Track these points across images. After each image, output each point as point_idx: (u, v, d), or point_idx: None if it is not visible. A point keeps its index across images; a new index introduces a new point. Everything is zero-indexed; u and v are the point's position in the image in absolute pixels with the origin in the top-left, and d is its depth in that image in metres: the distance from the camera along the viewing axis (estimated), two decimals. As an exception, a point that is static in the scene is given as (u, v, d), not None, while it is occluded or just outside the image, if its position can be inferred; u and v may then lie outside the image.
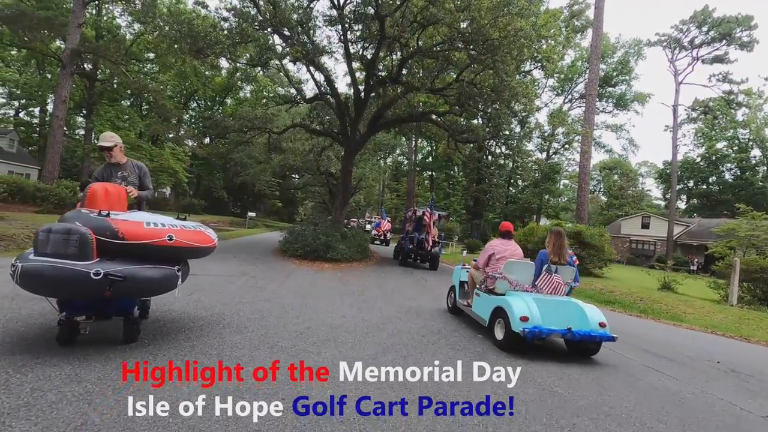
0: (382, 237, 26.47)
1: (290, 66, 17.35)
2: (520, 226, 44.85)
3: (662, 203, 63.21)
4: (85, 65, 29.99)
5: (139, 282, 3.05)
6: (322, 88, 15.46)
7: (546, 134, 32.12)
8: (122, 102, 34.62)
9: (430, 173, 51.93)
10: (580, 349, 4.77)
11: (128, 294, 3.17)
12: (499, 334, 4.76)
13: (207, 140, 47.55)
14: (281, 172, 38.70)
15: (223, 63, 46.91)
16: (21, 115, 38.22)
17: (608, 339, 4.56)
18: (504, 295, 4.96)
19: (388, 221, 28.98)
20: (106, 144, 3.87)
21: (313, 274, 9.19)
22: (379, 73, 14.14)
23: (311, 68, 14.37)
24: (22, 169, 32.87)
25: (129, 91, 31.57)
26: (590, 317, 4.62)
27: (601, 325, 4.58)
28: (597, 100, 30.82)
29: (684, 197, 58.88)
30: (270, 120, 17.63)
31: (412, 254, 14.33)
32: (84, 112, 32.83)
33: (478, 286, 5.65)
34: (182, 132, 37.13)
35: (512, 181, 46.45)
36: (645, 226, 42.99)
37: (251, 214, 30.61)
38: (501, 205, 45.02)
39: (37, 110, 37.83)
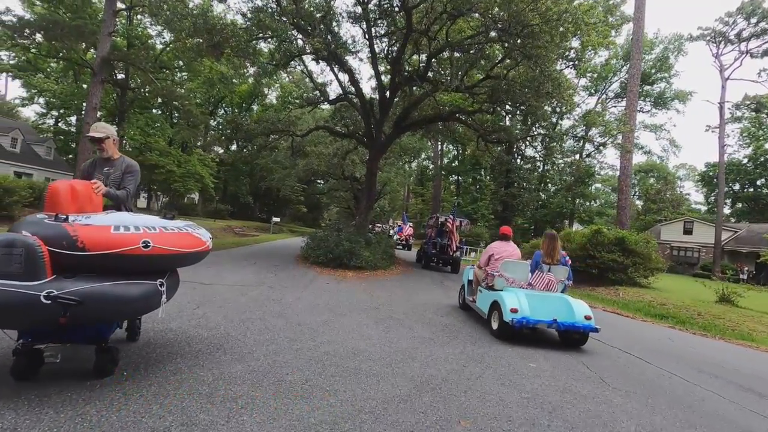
0: (404, 242, 26.47)
1: (314, 67, 16.96)
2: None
3: (703, 208, 59.63)
4: (117, 74, 30.82)
5: (106, 303, 2.38)
6: (346, 88, 14.89)
7: (579, 135, 30.48)
8: (153, 110, 35.36)
9: (456, 177, 50.71)
10: (568, 339, 5.29)
11: (93, 319, 2.50)
12: (494, 324, 5.41)
13: (234, 146, 48.26)
14: (306, 177, 38.61)
15: (249, 69, 47.60)
16: (59, 124, 39.66)
17: (591, 330, 5.08)
18: (501, 290, 5.52)
19: (410, 226, 29.09)
20: (96, 135, 3.28)
21: (335, 283, 8.48)
22: (405, 72, 13.42)
23: (335, 67, 13.82)
24: (59, 176, 33.99)
25: (159, 100, 32.16)
26: (576, 311, 5.11)
27: (587, 318, 5.06)
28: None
29: (729, 201, 55.26)
30: (293, 123, 17.22)
31: (434, 258, 14.97)
32: (116, 120, 33.67)
33: (480, 283, 6.27)
34: (209, 138, 37.45)
35: (542, 185, 44.72)
36: (687, 231, 40.44)
37: (275, 219, 30.38)
38: (531, 210, 43.39)
39: (73, 119, 39.12)
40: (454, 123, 16.25)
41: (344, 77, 15.30)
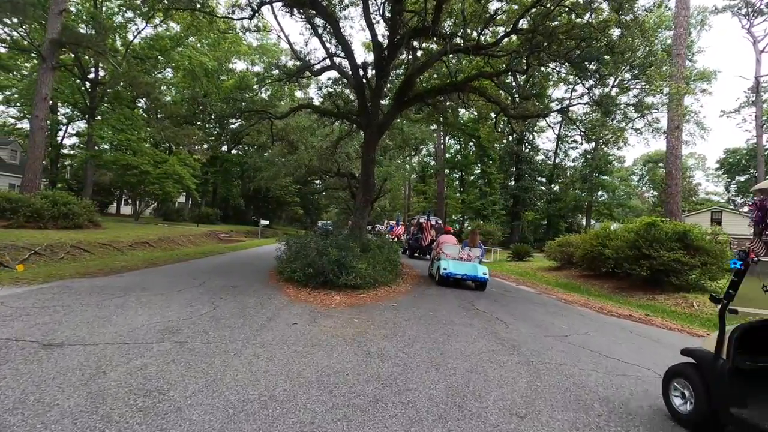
0: (395, 240, 25.03)
1: (296, 37, 13.68)
2: (564, 226, 39.67)
3: (715, 198, 56.07)
4: (90, 69, 27.56)
5: None
6: (332, 53, 11.64)
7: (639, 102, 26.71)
8: (137, 107, 32.02)
9: (459, 173, 47.26)
10: (476, 286, 9.96)
11: None
12: (436, 278, 10.29)
13: (224, 147, 44.91)
14: (299, 175, 35.40)
15: (239, 66, 44.19)
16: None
17: (484, 280, 9.72)
18: (441, 260, 10.32)
19: (402, 225, 28.30)
20: None
21: (309, 323, 5.16)
22: (410, 15, 10.16)
23: (315, 20, 10.56)
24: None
25: (134, 94, 28.83)
26: (479, 271, 9.82)
27: (484, 274, 9.74)
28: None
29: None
30: (271, 104, 13.98)
31: (416, 249, 19.59)
32: (86, 117, 30.42)
33: (435, 258, 11.47)
34: (195, 136, 33.81)
35: (554, 177, 41.38)
36: (716, 222, 37.09)
37: (264, 222, 27.04)
38: (544, 203, 40.09)
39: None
40: (468, 95, 12.93)
41: (330, 45, 12.10)
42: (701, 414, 2.85)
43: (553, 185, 41.55)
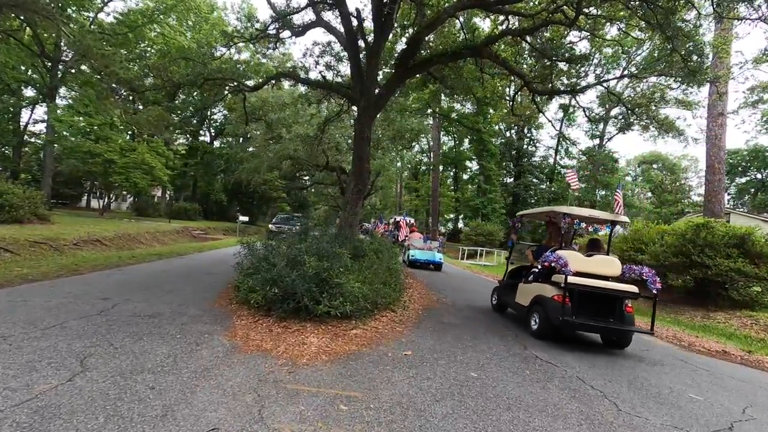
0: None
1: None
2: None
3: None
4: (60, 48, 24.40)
5: None
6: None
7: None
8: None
9: (453, 171, 44.67)
10: (435, 268, 14.85)
11: None
12: (407, 262, 14.72)
13: (206, 138, 41.86)
14: (289, 172, 32.59)
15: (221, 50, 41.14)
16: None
17: (439, 263, 14.78)
18: (410, 249, 15.27)
19: (385, 225, 27.68)
20: None
21: (248, 418, 2.59)
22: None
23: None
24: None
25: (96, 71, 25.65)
26: (436, 257, 14.79)
27: (440, 259, 14.88)
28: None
29: (752, 190, 50.57)
30: (243, 74, 11.35)
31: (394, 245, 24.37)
32: (45, 99, 27.17)
33: (406, 248, 15.75)
34: (158, 110, 30.21)
35: (554, 174, 39.23)
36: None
37: (243, 218, 24.23)
38: (544, 202, 37.93)
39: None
40: (485, 63, 10.42)
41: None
42: (498, 304, 7.55)
43: (553, 183, 39.45)
